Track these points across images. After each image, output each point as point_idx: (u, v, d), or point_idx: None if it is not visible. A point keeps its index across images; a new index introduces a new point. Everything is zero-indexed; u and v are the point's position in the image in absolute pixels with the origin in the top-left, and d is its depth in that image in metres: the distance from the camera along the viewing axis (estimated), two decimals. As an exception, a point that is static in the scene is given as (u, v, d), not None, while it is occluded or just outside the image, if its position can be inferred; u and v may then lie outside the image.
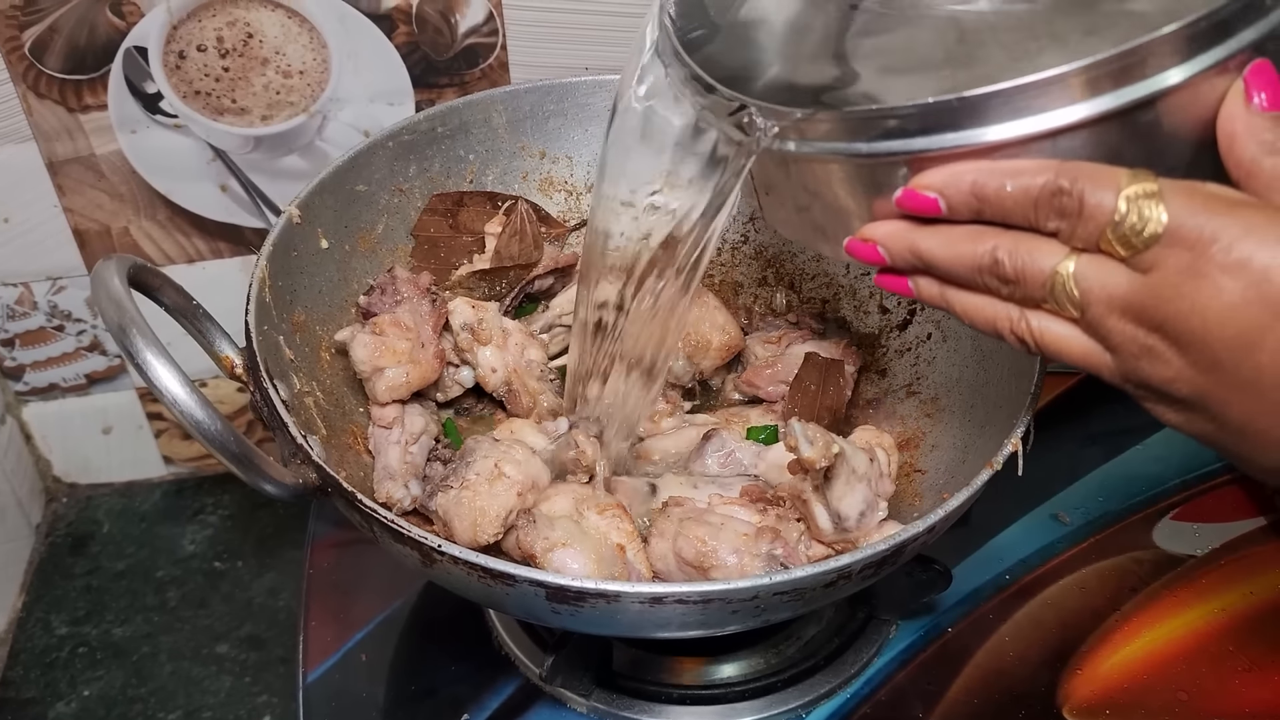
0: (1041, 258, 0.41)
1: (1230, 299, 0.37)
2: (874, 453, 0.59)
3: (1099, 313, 0.41)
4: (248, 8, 0.85)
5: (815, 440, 0.53)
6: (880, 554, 0.51)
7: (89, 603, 0.98)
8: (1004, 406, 0.63)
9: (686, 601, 0.49)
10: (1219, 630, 0.70)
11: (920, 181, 0.43)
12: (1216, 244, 0.38)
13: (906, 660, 0.69)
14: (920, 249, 0.44)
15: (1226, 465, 0.81)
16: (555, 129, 0.84)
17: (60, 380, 1.02)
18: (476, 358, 0.67)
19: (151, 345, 0.47)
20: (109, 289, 0.49)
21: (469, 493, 0.57)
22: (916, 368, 0.73)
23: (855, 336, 0.76)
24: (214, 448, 0.48)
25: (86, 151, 0.90)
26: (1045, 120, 0.41)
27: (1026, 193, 0.41)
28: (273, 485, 0.50)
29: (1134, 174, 0.39)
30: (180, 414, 0.47)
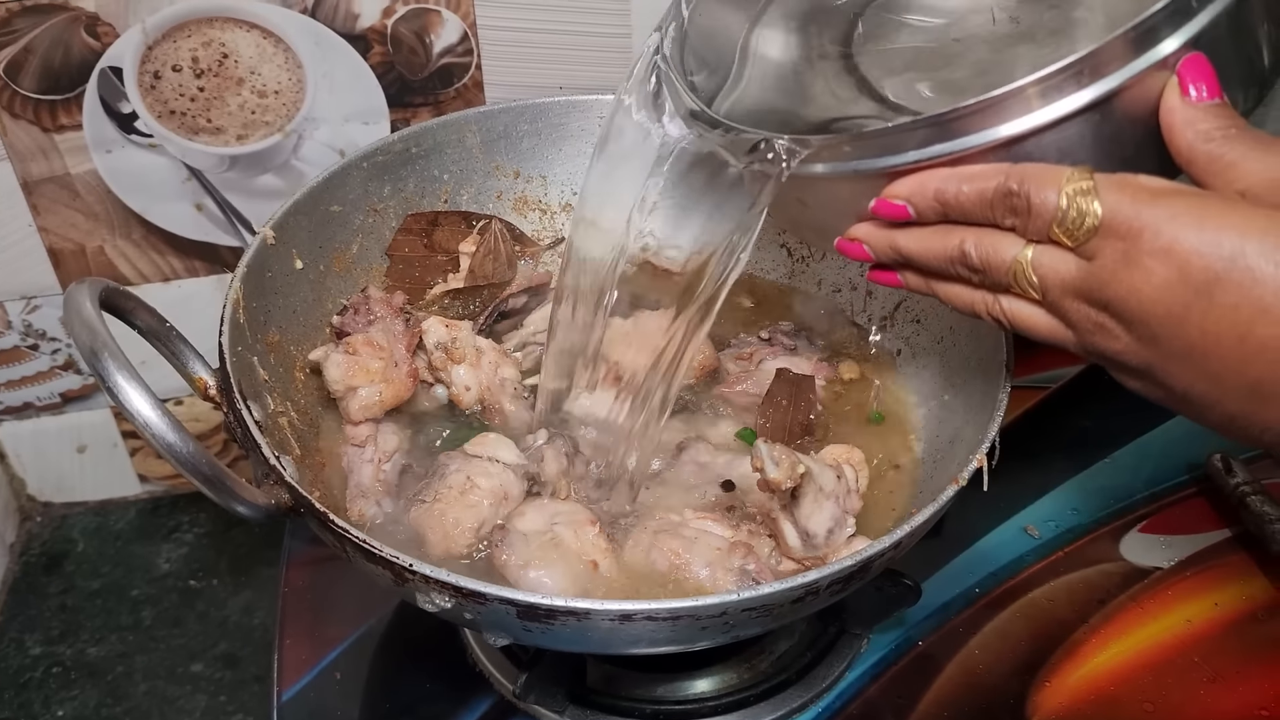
0: (1003, 249, 0.46)
1: (1159, 281, 0.41)
2: (841, 470, 0.60)
3: (1056, 295, 0.45)
4: (223, 28, 0.86)
5: (780, 461, 0.54)
6: (847, 569, 0.52)
7: (63, 622, 0.97)
8: (971, 422, 0.64)
9: (656, 618, 0.50)
10: (1184, 642, 0.71)
11: (890, 191, 0.48)
12: (1145, 232, 0.41)
13: (878, 673, 0.70)
14: (899, 246, 0.49)
15: (1193, 478, 0.82)
16: (529, 149, 0.85)
17: (35, 399, 1.02)
18: (450, 376, 0.67)
19: (123, 369, 0.47)
20: (81, 313, 0.49)
21: (441, 505, 0.58)
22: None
23: (829, 351, 0.77)
24: (186, 470, 0.48)
25: (61, 171, 0.90)
26: (1001, 131, 0.46)
27: (982, 195, 0.45)
28: (245, 507, 0.51)
29: (1073, 173, 0.43)
30: (152, 437, 0.47)
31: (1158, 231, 0.41)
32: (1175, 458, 0.84)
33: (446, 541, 0.59)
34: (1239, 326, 0.40)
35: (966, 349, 0.70)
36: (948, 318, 0.73)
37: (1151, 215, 0.41)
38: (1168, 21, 0.45)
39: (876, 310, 0.78)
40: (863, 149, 0.49)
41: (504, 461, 0.60)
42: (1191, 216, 0.41)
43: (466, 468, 0.61)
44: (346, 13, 0.87)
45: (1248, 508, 0.77)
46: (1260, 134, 0.44)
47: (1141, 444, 0.86)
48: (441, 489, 0.60)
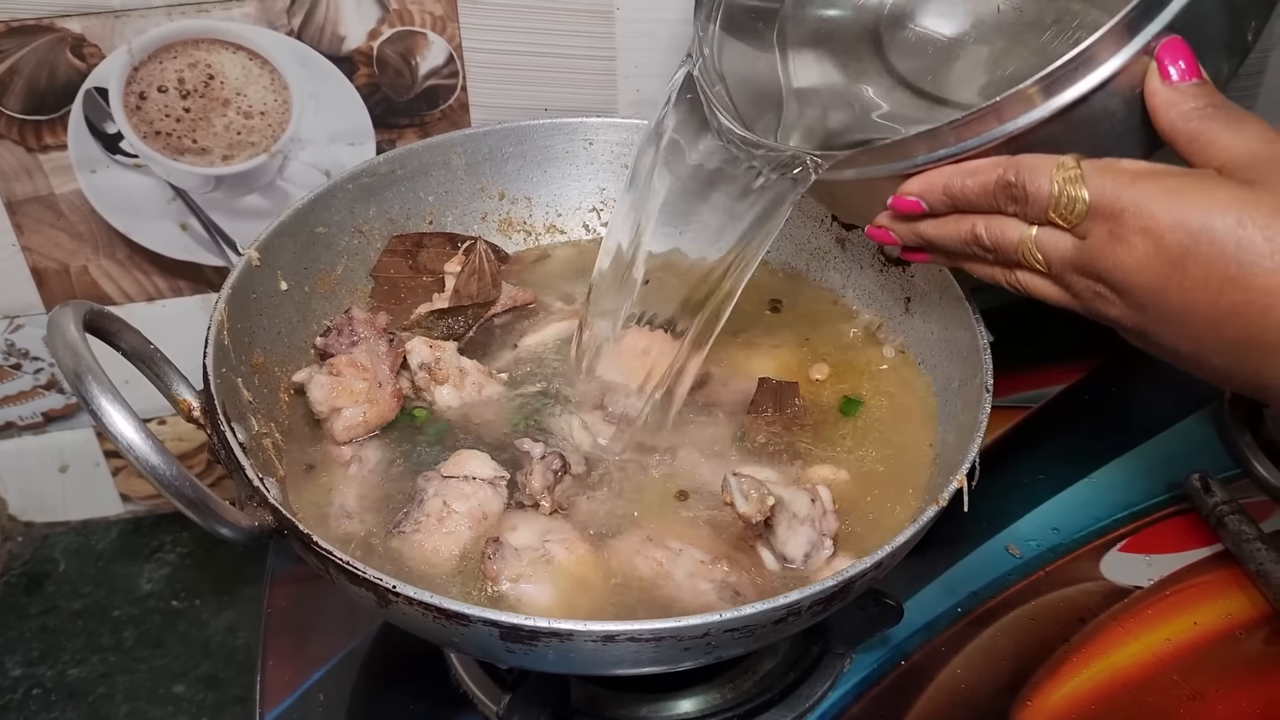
0: (1010, 231, 0.51)
1: (1140, 255, 0.46)
2: (816, 493, 0.60)
3: (1059, 269, 0.50)
4: (209, 49, 0.86)
5: (750, 495, 0.55)
6: (829, 590, 0.52)
7: (44, 643, 0.97)
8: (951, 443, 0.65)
9: (639, 639, 0.50)
10: (1164, 660, 0.72)
11: (904, 189, 0.54)
12: (1126, 213, 0.46)
13: (861, 693, 0.70)
14: (920, 233, 0.56)
15: (1173, 497, 0.83)
16: (514, 171, 0.85)
17: (17, 419, 1.02)
18: (433, 395, 0.67)
19: (107, 392, 0.47)
20: (65, 336, 0.49)
21: (420, 535, 0.58)
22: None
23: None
24: (170, 493, 0.49)
25: (46, 191, 0.90)
26: (1000, 131, 0.51)
27: (984, 188, 0.51)
28: (229, 529, 0.51)
29: (1062, 161, 0.48)
30: (136, 459, 0.47)
31: (1137, 211, 0.46)
32: (1155, 477, 0.85)
33: (430, 571, 0.59)
34: (1210, 293, 0.45)
35: (948, 370, 0.71)
36: (929, 340, 0.74)
37: (1131, 197, 0.46)
38: (1149, 9, 0.48)
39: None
40: (878, 158, 0.55)
41: (480, 477, 0.61)
42: (1165, 196, 0.45)
43: (443, 492, 0.61)
44: (332, 35, 0.87)
45: (1226, 527, 0.78)
46: (1236, 111, 0.48)
47: (1121, 463, 0.87)
48: (420, 516, 0.60)
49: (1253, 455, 0.85)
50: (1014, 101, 0.50)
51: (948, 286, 0.71)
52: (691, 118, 0.65)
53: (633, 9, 0.91)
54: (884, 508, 0.65)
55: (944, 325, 0.72)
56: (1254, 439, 0.86)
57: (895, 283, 0.77)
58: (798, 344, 0.76)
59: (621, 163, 0.86)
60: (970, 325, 0.68)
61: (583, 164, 0.86)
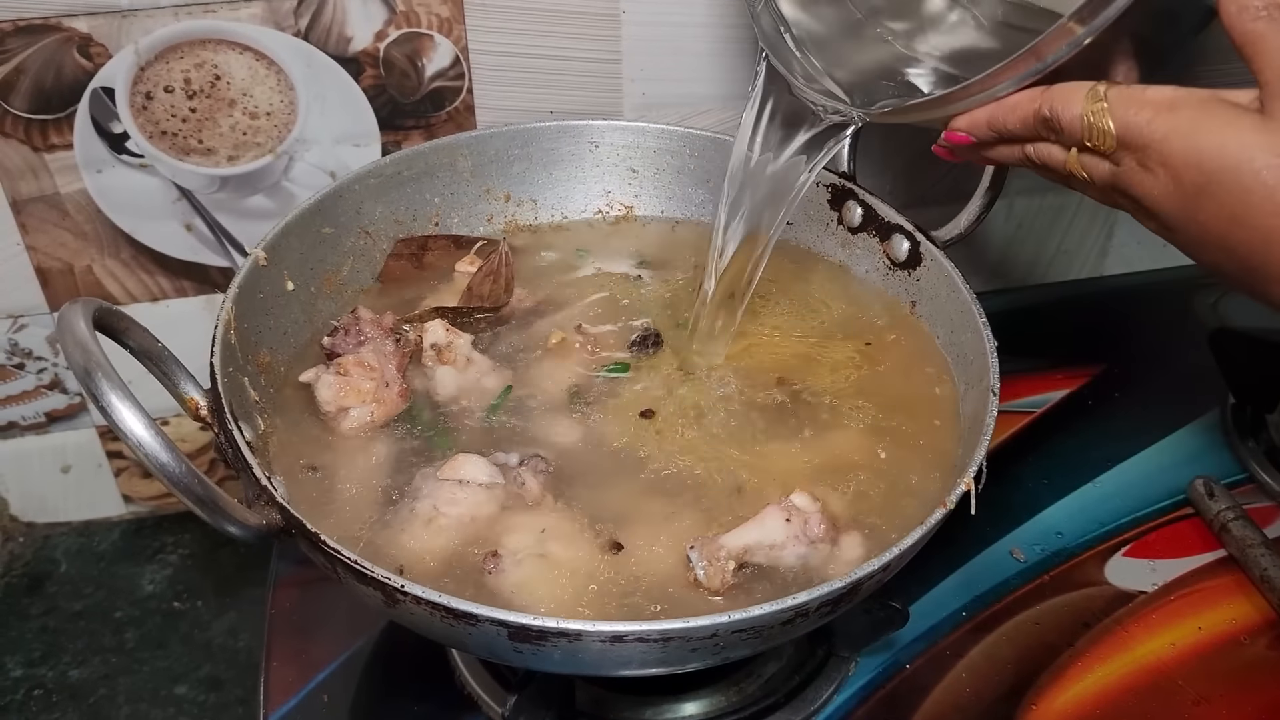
0: (1055, 154, 0.54)
1: (1163, 186, 0.49)
2: (791, 511, 0.59)
3: (1101, 186, 0.53)
4: (216, 50, 0.86)
5: (710, 572, 0.56)
6: (837, 591, 0.52)
7: (45, 644, 0.96)
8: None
9: (647, 640, 0.50)
10: (1169, 665, 0.72)
11: (954, 125, 0.57)
12: (1149, 146, 0.49)
13: (866, 697, 0.70)
14: (979, 156, 0.59)
15: (1177, 502, 0.83)
16: (520, 173, 0.85)
17: (19, 419, 1.01)
18: (434, 374, 0.68)
19: (116, 389, 0.47)
20: (75, 332, 0.49)
21: (405, 536, 0.59)
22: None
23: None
24: (178, 490, 0.48)
25: (51, 190, 0.90)
26: (1040, 67, 0.53)
27: (1025, 121, 0.54)
28: (237, 528, 0.51)
29: (1090, 91, 0.50)
30: (145, 457, 0.47)
31: (1158, 148, 0.48)
32: (1159, 483, 0.85)
33: (418, 568, 0.59)
34: (1220, 227, 0.48)
35: (954, 373, 0.71)
36: (934, 343, 0.74)
37: (1152, 131, 0.48)
38: None
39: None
40: (925, 107, 0.59)
41: (477, 482, 0.61)
42: (1184, 134, 0.48)
43: (435, 495, 0.61)
44: (339, 36, 0.87)
45: (1230, 532, 0.78)
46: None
47: (1126, 468, 0.87)
48: (410, 517, 0.60)
49: (1256, 461, 0.85)
50: (1053, 39, 0.51)
51: (954, 290, 0.71)
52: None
53: (639, 12, 0.91)
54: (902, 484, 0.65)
55: (950, 329, 0.72)
56: (1257, 444, 0.87)
57: (900, 285, 0.77)
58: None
59: (627, 165, 0.86)
60: (977, 328, 0.68)
61: (589, 166, 0.86)
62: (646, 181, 0.87)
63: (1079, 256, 1.15)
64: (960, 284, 0.71)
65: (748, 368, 0.72)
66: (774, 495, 0.60)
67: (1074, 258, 1.15)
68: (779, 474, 0.63)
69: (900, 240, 0.76)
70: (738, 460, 0.65)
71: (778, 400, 0.70)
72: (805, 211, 0.83)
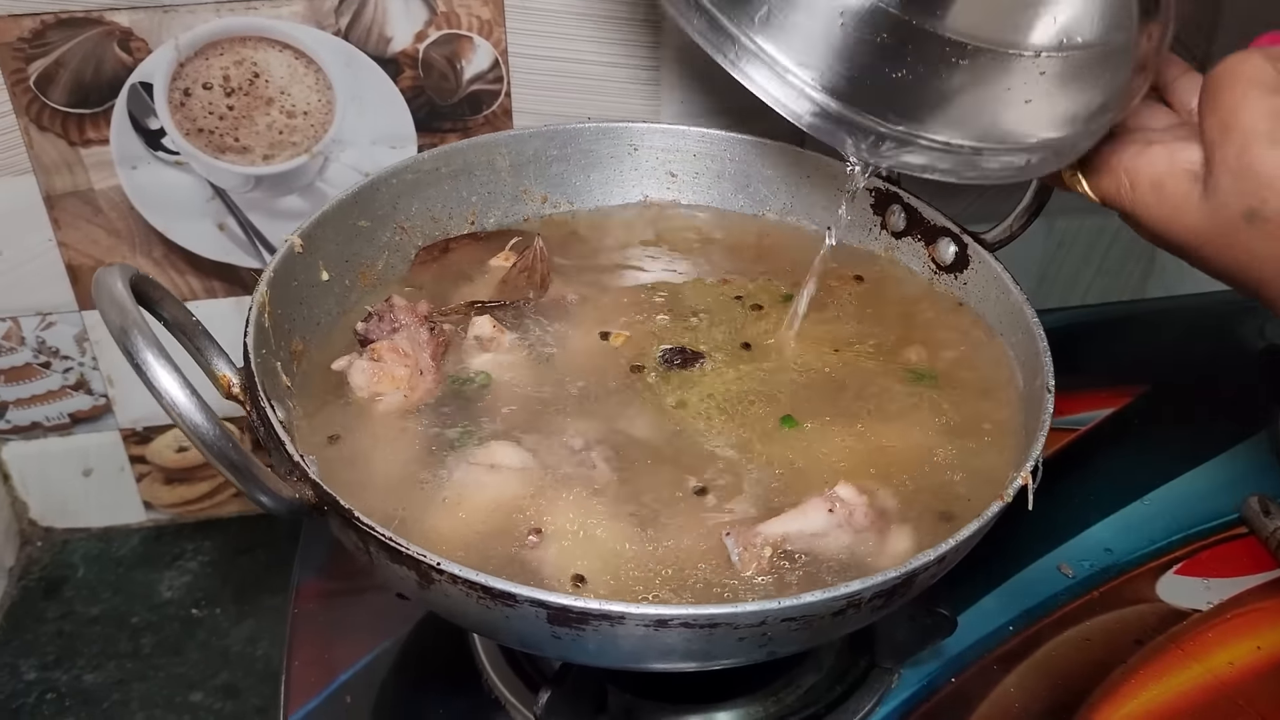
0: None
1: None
2: (834, 501, 0.57)
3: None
4: (256, 47, 0.86)
5: (744, 558, 0.54)
6: (891, 582, 0.50)
7: (60, 648, 0.94)
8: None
9: (693, 625, 0.48)
10: (1227, 684, 0.69)
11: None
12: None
13: (908, 711, 0.68)
14: None
15: (1230, 521, 0.81)
16: (558, 174, 0.84)
17: (43, 419, 1.00)
18: (471, 363, 0.67)
19: (152, 346, 0.46)
20: (112, 292, 0.48)
21: (437, 518, 0.57)
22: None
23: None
24: (212, 455, 0.47)
25: (85, 186, 0.90)
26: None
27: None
28: (270, 498, 0.49)
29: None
30: (179, 418, 0.46)
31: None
32: (1210, 502, 0.82)
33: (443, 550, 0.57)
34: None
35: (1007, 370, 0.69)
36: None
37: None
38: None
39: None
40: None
41: (509, 466, 0.59)
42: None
43: (465, 479, 0.59)
44: (379, 36, 0.87)
45: (1288, 549, 0.75)
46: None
47: (1174, 486, 0.84)
48: (441, 500, 0.58)
49: (1312, 479, 0.83)
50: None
51: (1004, 291, 0.69)
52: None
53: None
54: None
55: (1000, 330, 0.70)
56: (1313, 462, 0.84)
57: (947, 288, 0.75)
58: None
59: (666, 169, 0.85)
60: (1029, 328, 0.66)
61: (627, 170, 0.85)
62: (685, 185, 0.86)
63: (1120, 278, 1.13)
64: (1011, 284, 0.69)
65: (798, 364, 0.70)
66: (820, 487, 0.58)
67: (1115, 279, 1.13)
68: (826, 467, 0.61)
69: (947, 243, 0.75)
70: (787, 452, 0.63)
71: (828, 394, 0.67)
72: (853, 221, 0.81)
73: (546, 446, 0.62)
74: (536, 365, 0.69)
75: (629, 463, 0.62)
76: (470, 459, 0.60)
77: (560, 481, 0.60)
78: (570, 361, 0.70)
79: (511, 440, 0.62)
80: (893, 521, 0.58)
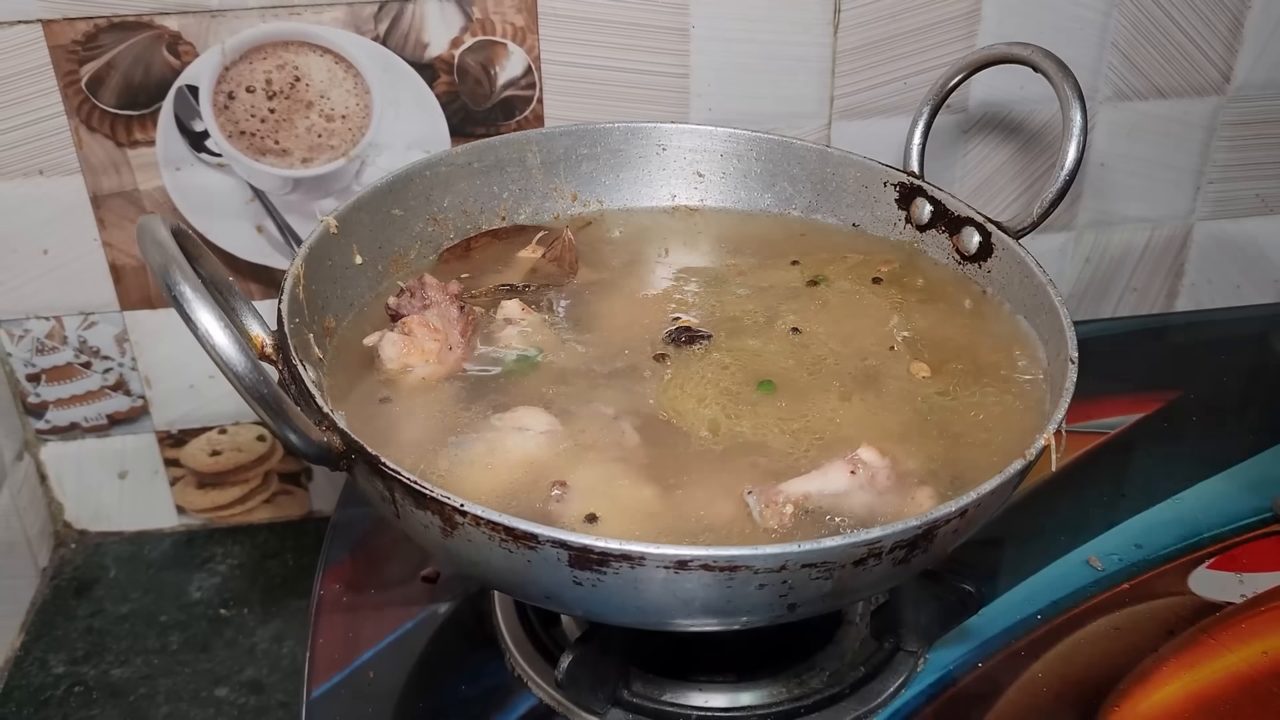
0: None
1: None
2: (856, 463, 0.57)
3: None
4: (298, 52, 0.89)
5: (766, 515, 0.55)
6: (911, 531, 0.50)
7: (89, 644, 0.95)
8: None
9: (712, 567, 0.48)
10: (1262, 673, 0.67)
11: None
12: None
13: (935, 694, 0.67)
14: None
15: (1263, 519, 0.79)
16: (588, 173, 0.86)
17: (82, 419, 1.02)
18: (500, 339, 0.68)
19: (190, 281, 0.47)
20: (154, 233, 0.50)
21: (463, 472, 0.58)
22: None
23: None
24: (245, 392, 0.48)
25: (131, 186, 0.92)
26: None
27: None
28: (299, 437, 0.50)
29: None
30: (214, 350, 0.47)
31: None
32: (1242, 501, 0.82)
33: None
34: None
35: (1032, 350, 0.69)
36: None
37: None
38: None
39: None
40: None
41: (537, 430, 0.60)
42: None
43: (492, 440, 0.60)
44: (416, 41, 0.90)
45: (1322, 542, 0.74)
46: None
47: (1206, 487, 0.83)
48: (467, 458, 0.59)
49: (1346, 479, 0.81)
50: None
51: (1028, 275, 0.70)
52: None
53: (709, 28, 0.93)
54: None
55: (1025, 312, 0.70)
56: (1347, 462, 0.83)
57: (971, 277, 0.76)
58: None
59: (694, 169, 0.87)
60: (1053, 307, 0.66)
61: (655, 169, 0.87)
62: (713, 185, 0.87)
63: (1149, 295, 1.13)
64: (1035, 267, 0.69)
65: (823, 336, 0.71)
66: (843, 451, 0.58)
67: (1144, 296, 1.13)
68: (852, 435, 0.61)
69: (971, 233, 0.75)
70: (813, 422, 0.63)
71: (856, 370, 0.68)
72: (872, 212, 0.82)
73: (573, 414, 0.63)
74: (564, 344, 0.70)
75: (655, 431, 0.62)
76: (497, 423, 0.61)
77: (587, 445, 0.60)
78: (597, 340, 0.70)
79: (539, 407, 0.63)
80: (915, 483, 0.58)
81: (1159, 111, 1.02)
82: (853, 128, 0.99)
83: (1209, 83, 1.02)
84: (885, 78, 0.97)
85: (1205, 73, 1.01)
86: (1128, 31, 0.98)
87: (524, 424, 0.61)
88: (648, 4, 0.91)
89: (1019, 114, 1.00)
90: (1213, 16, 0.98)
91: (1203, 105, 1.03)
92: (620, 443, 0.61)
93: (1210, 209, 1.08)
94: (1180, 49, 0.99)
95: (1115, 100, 1.01)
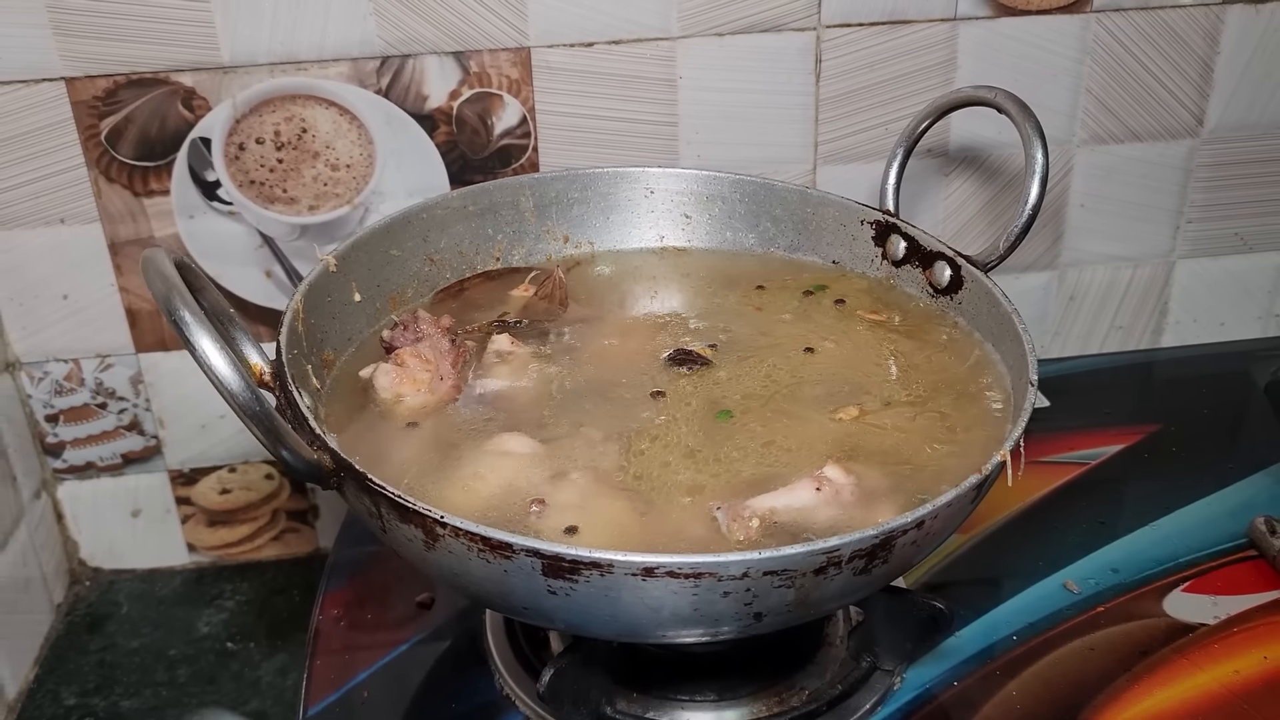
0: None
1: None
2: (821, 480, 0.60)
3: None
4: (304, 105, 0.94)
5: (732, 529, 0.57)
6: (869, 540, 0.52)
7: (100, 676, 0.98)
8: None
9: (677, 574, 0.51)
10: (1234, 691, 0.69)
11: None
12: None
13: (911, 711, 0.68)
14: None
15: (1238, 544, 0.81)
16: (579, 216, 0.90)
17: (97, 459, 1.06)
18: (490, 372, 0.71)
19: (191, 308, 0.51)
20: (158, 264, 0.53)
21: (448, 492, 0.61)
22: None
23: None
24: (240, 409, 0.51)
25: (147, 234, 0.97)
26: None
27: None
28: (292, 455, 0.53)
29: None
30: (212, 373, 0.50)
31: None
32: (1219, 527, 0.83)
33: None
34: None
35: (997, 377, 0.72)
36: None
37: None
38: None
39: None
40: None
41: (519, 452, 0.63)
42: None
43: (476, 463, 0.63)
44: (417, 94, 0.95)
45: (1293, 564, 0.75)
46: None
47: (1183, 514, 0.85)
48: (453, 480, 0.62)
49: (1320, 505, 0.83)
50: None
51: (994, 305, 0.73)
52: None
53: (695, 79, 0.97)
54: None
55: (992, 341, 0.73)
56: (1320, 490, 0.85)
57: (942, 309, 0.79)
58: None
59: (681, 211, 0.90)
60: (1017, 335, 0.69)
61: (643, 211, 0.91)
62: (699, 226, 0.91)
63: (1134, 332, 1.15)
64: (1001, 298, 0.72)
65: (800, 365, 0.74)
66: (810, 470, 0.61)
67: (1129, 333, 1.15)
68: (819, 455, 0.64)
69: (943, 267, 0.79)
70: (785, 444, 0.66)
71: (825, 393, 0.70)
72: (850, 250, 0.86)
73: (556, 440, 0.66)
74: (552, 376, 0.73)
75: (636, 455, 0.65)
76: (483, 448, 0.64)
77: (567, 467, 0.63)
78: (585, 371, 0.74)
79: (523, 433, 0.66)
80: (879, 499, 0.60)
81: (1135, 154, 1.06)
82: (837, 171, 1.03)
83: (1182, 126, 1.05)
84: (867, 124, 1.01)
85: (1178, 116, 1.05)
86: (1101, 77, 1.02)
87: (509, 449, 0.64)
88: (637, 57, 0.96)
89: (998, 157, 1.04)
90: (1183, 62, 1.02)
91: (1177, 148, 1.06)
92: (600, 465, 0.64)
93: (1190, 248, 1.11)
94: (1153, 93, 1.03)
95: (1091, 144, 1.05)
